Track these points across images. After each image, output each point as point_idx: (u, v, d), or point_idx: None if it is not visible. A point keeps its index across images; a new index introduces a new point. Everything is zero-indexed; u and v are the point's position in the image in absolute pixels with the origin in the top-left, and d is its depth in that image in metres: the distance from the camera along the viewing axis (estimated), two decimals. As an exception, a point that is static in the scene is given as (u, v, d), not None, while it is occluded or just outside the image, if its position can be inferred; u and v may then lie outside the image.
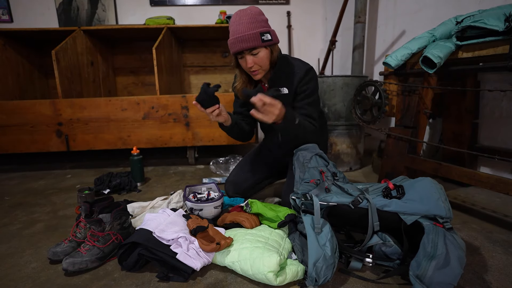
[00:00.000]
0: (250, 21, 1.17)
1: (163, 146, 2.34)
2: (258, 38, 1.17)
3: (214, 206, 1.31)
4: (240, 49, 1.18)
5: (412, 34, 2.19)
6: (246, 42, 1.16)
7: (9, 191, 1.92)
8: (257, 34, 1.17)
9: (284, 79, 1.33)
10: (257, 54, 1.20)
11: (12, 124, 2.22)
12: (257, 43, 1.17)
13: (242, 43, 1.17)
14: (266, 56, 1.22)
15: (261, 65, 1.23)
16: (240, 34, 1.16)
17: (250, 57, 1.20)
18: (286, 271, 0.91)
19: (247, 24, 1.17)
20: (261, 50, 1.20)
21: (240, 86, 1.36)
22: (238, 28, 1.17)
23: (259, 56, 1.21)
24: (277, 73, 1.31)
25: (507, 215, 1.39)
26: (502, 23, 1.16)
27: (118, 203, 1.21)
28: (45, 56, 2.97)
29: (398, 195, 1.01)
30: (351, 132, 2.20)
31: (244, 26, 1.16)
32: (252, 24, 1.17)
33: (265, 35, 1.19)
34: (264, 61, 1.23)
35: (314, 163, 1.21)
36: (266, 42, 1.19)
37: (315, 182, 1.12)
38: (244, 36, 1.16)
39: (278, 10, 3.39)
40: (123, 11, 3.29)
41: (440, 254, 0.81)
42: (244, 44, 1.17)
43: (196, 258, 0.97)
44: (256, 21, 1.18)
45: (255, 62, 1.21)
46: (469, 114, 1.75)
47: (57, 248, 1.07)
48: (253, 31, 1.16)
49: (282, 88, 1.33)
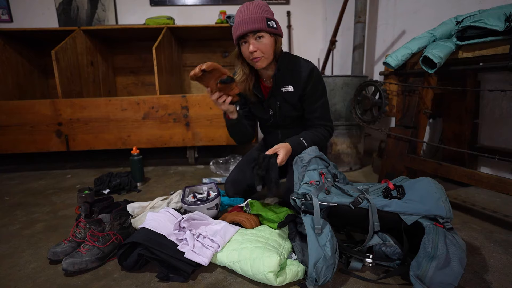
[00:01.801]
0: (257, 7, 1.18)
1: (163, 146, 2.34)
2: (264, 21, 1.16)
3: (207, 208, 1.29)
4: (245, 30, 1.16)
5: (412, 34, 2.19)
6: (252, 24, 1.15)
7: (9, 191, 1.92)
8: (263, 18, 1.16)
9: (289, 77, 1.31)
10: (261, 39, 1.18)
11: (12, 124, 2.22)
12: (262, 26, 1.15)
13: (247, 24, 1.15)
14: (270, 43, 1.20)
15: (264, 52, 1.20)
16: (246, 16, 1.15)
17: (254, 41, 1.18)
18: (286, 271, 0.91)
19: (254, 9, 1.17)
20: (265, 35, 1.18)
21: (240, 78, 1.33)
22: (244, 13, 1.17)
23: (263, 42, 1.18)
24: (280, 70, 1.29)
25: (508, 215, 1.39)
26: (502, 23, 1.16)
27: (118, 203, 1.21)
28: (45, 56, 2.97)
29: (399, 195, 1.01)
30: (351, 132, 2.20)
31: (251, 10, 1.17)
32: (259, 10, 1.17)
33: (270, 21, 1.19)
34: (268, 49, 1.20)
35: (314, 165, 1.20)
36: (271, 29, 1.18)
37: (314, 183, 1.12)
38: (250, 18, 1.15)
39: (278, 10, 3.39)
40: (123, 11, 3.29)
41: (440, 254, 0.81)
42: (249, 25, 1.15)
43: (202, 253, 0.97)
44: (263, 9, 1.18)
45: (258, 48, 1.19)
46: (469, 114, 1.75)
47: (57, 248, 1.07)
48: (259, 15, 1.16)
49: (287, 86, 1.32)
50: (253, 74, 1.36)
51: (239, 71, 1.33)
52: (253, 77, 1.36)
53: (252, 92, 1.37)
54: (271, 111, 1.40)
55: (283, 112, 1.38)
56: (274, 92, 1.35)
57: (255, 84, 1.37)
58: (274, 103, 1.37)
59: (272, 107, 1.39)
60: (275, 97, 1.36)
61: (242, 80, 1.33)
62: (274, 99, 1.36)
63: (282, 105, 1.36)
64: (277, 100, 1.36)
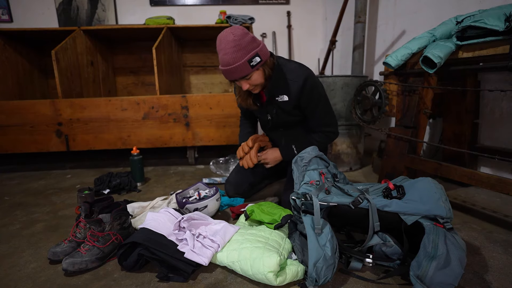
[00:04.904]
0: (234, 50, 1.13)
1: (163, 146, 2.34)
2: (247, 66, 1.16)
3: (216, 199, 1.37)
4: (233, 79, 1.21)
5: (412, 34, 2.19)
6: (237, 73, 1.17)
7: (9, 191, 1.92)
8: (245, 63, 1.15)
9: (282, 88, 1.32)
10: (250, 79, 1.21)
11: (12, 124, 2.22)
12: (247, 71, 1.17)
13: (233, 74, 1.17)
14: (259, 76, 1.23)
15: (257, 84, 1.25)
16: (229, 66, 1.15)
17: (244, 82, 1.22)
18: (286, 271, 0.91)
19: (233, 53, 1.13)
20: (253, 73, 1.20)
21: (240, 101, 1.38)
22: (225, 58, 1.15)
23: (252, 79, 1.22)
24: (274, 83, 1.30)
25: (507, 215, 1.39)
26: (502, 23, 1.16)
27: (118, 203, 1.21)
28: (45, 56, 2.97)
29: (399, 195, 1.01)
30: (351, 132, 2.20)
31: (230, 56, 1.13)
32: (238, 53, 1.13)
33: (253, 59, 1.16)
34: (259, 80, 1.24)
35: (314, 165, 1.21)
36: (256, 66, 1.18)
37: (315, 183, 1.12)
38: (233, 68, 1.15)
39: (278, 10, 3.40)
40: (123, 11, 3.29)
41: (440, 255, 0.81)
42: (235, 75, 1.18)
43: (202, 253, 0.97)
44: (241, 48, 1.13)
45: (250, 84, 1.23)
46: (469, 114, 1.75)
47: (57, 248, 1.07)
48: (240, 61, 1.14)
49: (282, 95, 1.33)
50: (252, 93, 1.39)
51: (238, 92, 1.37)
52: (252, 94, 1.38)
53: (253, 103, 1.40)
54: (269, 116, 1.43)
55: (280, 118, 1.41)
56: (270, 101, 1.37)
57: (255, 96, 1.39)
58: (271, 110, 1.40)
59: (270, 113, 1.42)
60: (271, 105, 1.38)
61: (243, 98, 1.37)
62: (271, 107, 1.39)
63: (279, 112, 1.39)
64: (273, 108, 1.38)
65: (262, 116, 1.47)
